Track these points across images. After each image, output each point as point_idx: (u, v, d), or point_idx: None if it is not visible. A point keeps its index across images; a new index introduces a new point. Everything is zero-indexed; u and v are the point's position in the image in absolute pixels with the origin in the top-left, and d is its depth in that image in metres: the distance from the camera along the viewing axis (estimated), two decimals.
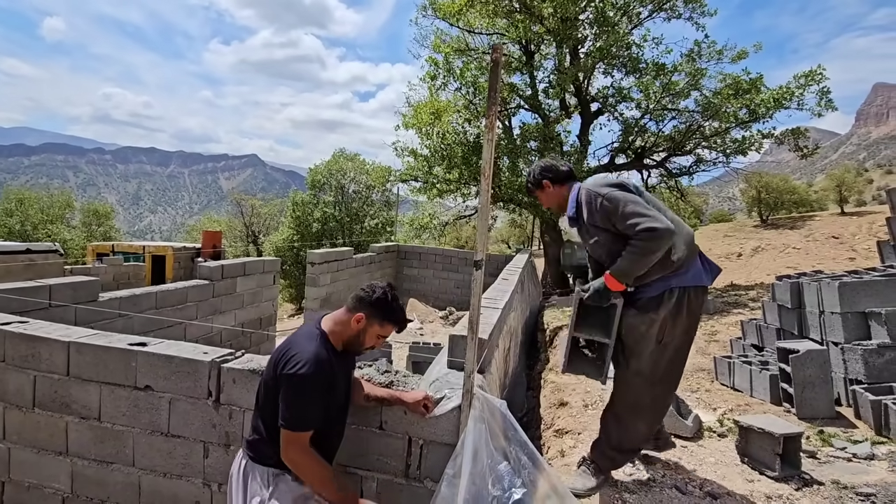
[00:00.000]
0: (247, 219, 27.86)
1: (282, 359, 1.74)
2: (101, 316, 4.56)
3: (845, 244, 16.86)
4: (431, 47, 11.24)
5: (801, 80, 9.48)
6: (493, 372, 3.11)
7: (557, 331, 6.74)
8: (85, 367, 2.43)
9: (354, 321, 1.83)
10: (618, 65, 10.77)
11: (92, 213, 28.31)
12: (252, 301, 7.06)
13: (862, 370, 3.44)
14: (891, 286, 3.68)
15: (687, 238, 2.14)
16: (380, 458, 2.12)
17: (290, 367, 1.68)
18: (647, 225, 2.00)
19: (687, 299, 2.14)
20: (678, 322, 2.15)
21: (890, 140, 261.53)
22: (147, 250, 12.37)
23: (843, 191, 25.49)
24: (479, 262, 1.89)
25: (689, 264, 2.15)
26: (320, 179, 22.65)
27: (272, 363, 1.79)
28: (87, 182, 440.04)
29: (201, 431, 2.32)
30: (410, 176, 12.08)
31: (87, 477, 2.47)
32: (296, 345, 1.76)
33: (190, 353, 2.37)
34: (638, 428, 2.29)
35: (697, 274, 2.17)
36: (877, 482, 2.48)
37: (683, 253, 2.12)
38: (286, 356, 1.73)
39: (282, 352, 1.77)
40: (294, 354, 1.71)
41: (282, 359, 1.74)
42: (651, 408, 2.27)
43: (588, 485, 2.32)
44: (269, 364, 1.82)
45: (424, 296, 13.17)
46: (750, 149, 10.10)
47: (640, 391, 2.23)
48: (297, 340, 1.79)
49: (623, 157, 11.60)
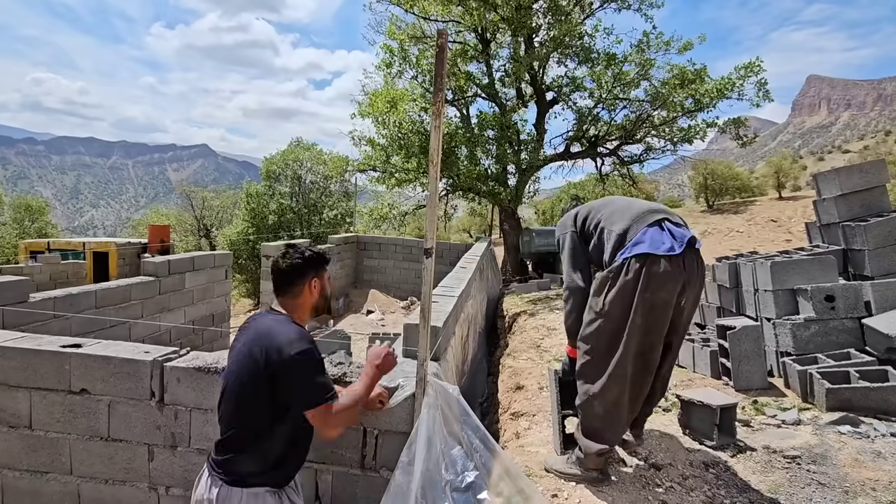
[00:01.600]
0: (197, 212, 26.64)
1: (272, 347, 1.56)
2: (34, 318, 4.26)
3: (783, 227, 18.03)
4: (386, 34, 11.04)
5: (741, 71, 9.96)
6: (450, 359, 3.14)
7: (516, 317, 6.88)
8: (11, 373, 2.27)
9: (311, 289, 1.75)
10: (571, 54, 10.98)
11: (24, 209, 26.22)
12: (203, 297, 6.80)
13: (791, 343, 3.71)
14: (816, 264, 3.97)
15: (634, 213, 2.23)
16: (335, 450, 2.11)
17: (293, 348, 1.55)
18: (565, 282, 2.45)
19: (641, 271, 2.07)
20: (629, 296, 2.08)
21: (822, 129, 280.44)
22: (88, 247, 11.62)
23: (780, 177, 27.18)
24: (430, 249, 1.89)
25: (641, 237, 2.13)
26: (276, 170, 21.92)
27: (258, 357, 1.57)
28: (18, 175, 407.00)
29: (145, 434, 2.23)
30: (368, 166, 11.91)
31: (19, 489, 2.32)
32: (277, 331, 1.61)
33: (130, 353, 2.26)
34: (594, 405, 2.19)
35: (654, 244, 2.11)
36: (802, 445, 2.70)
37: (624, 227, 2.19)
38: (276, 343, 1.57)
39: (265, 342, 1.59)
40: (286, 337, 1.58)
41: (272, 347, 1.56)
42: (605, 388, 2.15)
43: (566, 469, 2.34)
44: (248, 360, 1.59)
45: (386, 286, 13.10)
46: (695, 137, 10.56)
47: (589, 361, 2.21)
48: (274, 327, 1.63)
49: (578, 146, 11.88)
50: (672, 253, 2.08)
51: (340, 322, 10.59)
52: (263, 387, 1.57)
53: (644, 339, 2.11)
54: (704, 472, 2.43)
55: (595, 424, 2.22)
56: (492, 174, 11.18)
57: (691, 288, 2.15)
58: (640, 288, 2.07)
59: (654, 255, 2.08)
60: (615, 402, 2.16)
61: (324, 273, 1.81)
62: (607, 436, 2.22)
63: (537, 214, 29.59)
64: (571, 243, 2.43)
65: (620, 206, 2.35)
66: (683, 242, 2.12)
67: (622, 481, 2.35)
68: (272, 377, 1.56)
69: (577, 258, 2.40)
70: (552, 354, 4.72)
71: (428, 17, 10.94)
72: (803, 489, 2.30)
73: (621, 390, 2.15)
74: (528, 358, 4.70)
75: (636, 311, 2.07)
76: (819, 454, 2.59)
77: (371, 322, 10.58)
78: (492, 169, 11.31)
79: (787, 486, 2.32)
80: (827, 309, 3.70)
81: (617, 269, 2.14)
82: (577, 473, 2.31)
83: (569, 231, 2.46)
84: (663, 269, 2.06)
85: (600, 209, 2.39)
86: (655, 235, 2.14)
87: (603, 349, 2.16)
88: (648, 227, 2.16)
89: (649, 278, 2.06)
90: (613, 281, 2.14)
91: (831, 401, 3.09)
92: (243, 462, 1.60)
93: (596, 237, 2.33)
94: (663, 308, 2.09)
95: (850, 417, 2.93)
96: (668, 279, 2.06)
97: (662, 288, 2.07)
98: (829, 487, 2.30)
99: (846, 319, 3.70)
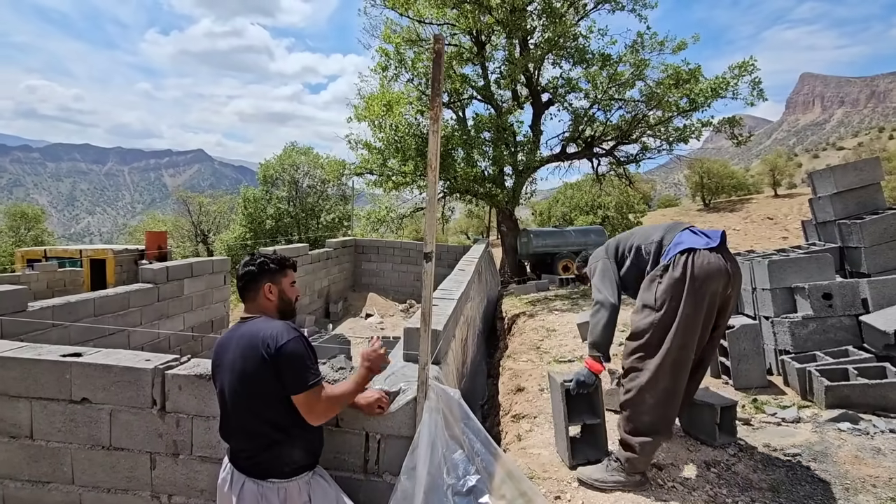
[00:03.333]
0: (194, 217, 26.58)
1: (262, 343, 1.65)
2: (33, 327, 4.25)
3: (779, 224, 18.10)
4: (382, 37, 11.05)
5: (735, 70, 10.00)
6: (450, 362, 3.15)
7: (515, 318, 6.89)
8: (11, 383, 2.26)
9: (267, 293, 1.82)
10: (566, 55, 11.01)
11: (20, 216, 26.08)
12: (202, 303, 6.78)
13: (789, 341, 3.73)
14: (813, 262, 3.99)
15: (665, 226, 2.52)
16: (337, 455, 2.10)
17: (280, 340, 1.64)
18: (595, 297, 2.51)
19: (687, 263, 2.20)
20: (679, 287, 2.19)
21: (816, 126, 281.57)
22: (85, 254, 11.59)
23: (776, 175, 27.33)
24: (430, 253, 1.90)
25: (679, 239, 2.33)
26: (272, 174, 21.91)
27: (254, 355, 1.65)
28: (13, 182, 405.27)
29: (147, 442, 2.22)
30: (365, 169, 11.91)
31: (20, 499, 2.31)
32: (263, 328, 1.70)
33: (131, 362, 2.25)
34: (645, 397, 2.22)
35: (693, 242, 2.27)
36: (802, 443, 2.71)
37: (660, 237, 2.44)
38: (266, 338, 1.65)
39: (256, 338, 1.67)
40: (272, 331, 1.67)
41: (262, 343, 1.65)
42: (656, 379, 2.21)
43: (608, 477, 2.28)
44: (243, 359, 1.67)
45: (384, 290, 13.09)
46: (691, 136, 10.60)
47: (641, 356, 2.27)
48: (258, 326, 1.72)
49: (574, 147, 11.91)
50: (711, 246, 2.23)
51: (339, 326, 10.58)
52: (273, 381, 1.65)
53: (691, 331, 2.19)
54: (706, 472, 2.44)
55: (646, 418, 2.23)
56: (489, 176, 11.20)
57: (735, 280, 2.27)
58: (688, 279, 2.17)
59: (698, 249, 2.22)
60: (668, 392, 2.22)
61: (282, 278, 1.86)
62: (660, 428, 2.24)
63: (535, 216, 29.64)
64: (604, 265, 2.61)
65: (649, 227, 2.61)
66: (718, 238, 2.28)
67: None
68: (276, 369, 1.64)
69: (608, 277, 2.57)
70: (552, 356, 4.72)
71: (423, 21, 10.96)
72: (804, 486, 2.31)
73: (672, 381, 2.21)
74: (529, 359, 4.70)
75: (686, 301, 2.17)
76: (819, 451, 2.61)
77: (370, 325, 10.57)
78: (488, 170, 11.33)
79: (788, 484, 2.33)
80: (825, 307, 3.72)
81: (664, 267, 2.28)
82: (620, 480, 2.26)
83: (601, 259, 2.67)
84: (708, 260, 2.19)
85: (630, 236, 2.64)
86: (692, 236, 2.32)
87: (654, 342, 2.23)
88: (681, 231, 2.37)
89: (697, 270, 2.18)
90: (661, 277, 2.26)
91: (830, 398, 3.10)
92: (285, 450, 1.69)
93: (632, 257, 2.54)
94: (712, 298, 2.19)
95: (850, 414, 2.95)
96: (714, 270, 2.18)
97: (711, 278, 2.17)
98: (830, 484, 2.32)
99: (844, 317, 3.72)
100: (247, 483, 1.68)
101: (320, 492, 1.76)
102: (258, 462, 1.69)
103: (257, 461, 1.69)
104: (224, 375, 1.73)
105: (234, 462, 1.74)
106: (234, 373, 1.69)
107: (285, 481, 1.69)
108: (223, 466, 1.80)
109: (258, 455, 1.69)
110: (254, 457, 1.69)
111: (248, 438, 1.71)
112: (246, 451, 1.71)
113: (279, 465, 1.69)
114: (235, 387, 1.69)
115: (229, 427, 1.75)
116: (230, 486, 1.72)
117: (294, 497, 1.69)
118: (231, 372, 1.70)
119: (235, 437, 1.74)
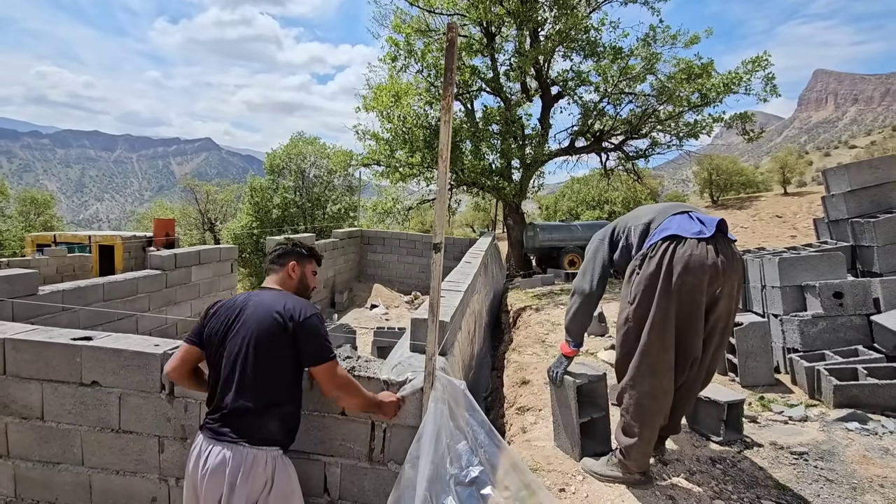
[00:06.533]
0: (202, 205, 26.71)
1: (286, 312, 1.75)
2: (43, 311, 4.29)
3: (788, 223, 17.93)
4: (391, 27, 10.98)
5: (748, 65, 9.86)
6: (456, 354, 3.15)
7: (521, 312, 6.88)
8: (24, 365, 2.29)
9: (291, 270, 1.98)
10: (576, 48, 10.89)
11: (30, 202, 26.34)
12: (209, 290, 6.83)
13: (798, 339, 3.70)
14: (824, 261, 3.95)
15: (660, 208, 2.29)
16: (343, 443, 2.12)
17: (305, 313, 1.77)
18: (574, 283, 2.46)
19: (666, 252, 2.01)
20: (653, 280, 2.01)
21: (828, 124, 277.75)
22: (93, 240, 11.69)
23: (786, 172, 27.00)
24: (439, 244, 1.89)
25: (668, 224, 2.10)
26: (279, 164, 21.94)
27: (281, 321, 1.72)
28: (24, 168, 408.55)
29: (155, 426, 2.24)
30: (372, 160, 11.89)
31: (31, 479, 2.35)
32: (288, 299, 1.82)
33: (140, 346, 2.27)
34: (623, 398, 2.14)
35: (682, 228, 2.05)
36: (809, 441, 2.69)
37: (649, 219, 2.21)
38: (290, 309, 1.76)
39: (279, 307, 1.76)
40: (299, 304, 1.81)
41: (286, 312, 1.75)
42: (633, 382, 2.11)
43: (607, 472, 2.25)
44: (272, 324, 1.72)
45: (389, 281, 13.12)
46: (701, 132, 10.49)
47: (623, 354, 2.16)
48: (283, 297, 1.84)
49: (582, 140, 11.82)
50: (702, 236, 1.98)
51: (344, 316, 10.62)
52: (289, 350, 1.74)
53: (668, 330, 1.98)
54: (711, 468, 2.44)
55: (629, 420, 2.14)
56: (496, 169, 11.14)
57: (727, 276, 1.98)
58: (663, 272, 1.96)
59: (682, 237, 1.99)
60: (648, 396, 2.06)
61: (306, 264, 2.04)
62: (642, 432, 2.10)
63: (541, 209, 29.54)
64: (595, 248, 2.45)
65: (647, 207, 2.39)
66: (713, 226, 2.02)
67: None
68: (294, 339, 1.74)
69: (592, 262, 2.41)
70: (557, 350, 4.71)
71: (433, 11, 10.86)
72: (811, 485, 2.30)
73: (652, 384, 2.05)
74: (534, 353, 4.70)
75: (659, 297, 1.96)
76: (826, 451, 2.59)
77: (375, 316, 10.61)
78: (496, 163, 11.27)
79: (794, 483, 2.32)
80: (835, 305, 3.68)
81: (643, 256, 2.08)
82: (618, 475, 2.21)
83: (597, 241, 2.48)
84: (690, 251, 1.95)
85: (629, 216, 2.42)
86: (683, 221, 2.06)
87: (632, 340, 2.09)
88: (675, 215, 2.12)
89: (675, 261, 1.95)
90: (639, 267, 2.08)
91: (839, 397, 3.08)
92: (268, 420, 1.73)
93: (624, 239, 2.31)
94: (690, 293, 1.94)
95: (858, 414, 2.92)
96: (696, 263, 1.93)
97: (689, 272, 1.93)
98: (837, 484, 2.30)
99: (854, 316, 3.68)
100: (214, 447, 1.70)
101: (284, 476, 1.75)
102: (232, 422, 1.70)
103: (231, 421, 1.70)
104: (231, 333, 1.77)
105: (208, 426, 1.74)
106: (248, 331, 1.74)
107: (253, 448, 1.68)
108: (193, 445, 1.78)
109: (237, 416, 1.69)
110: (229, 416, 1.70)
111: (235, 396, 1.70)
112: (225, 408, 1.71)
113: (252, 429, 1.70)
114: (247, 343, 1.72)
115: (218, 386, 1.76)
116: (198, 453, 1.72)
117: (259, 468, 1.68)
118: (244, 329, 1.74)
119: (222, 393, 1.73)
